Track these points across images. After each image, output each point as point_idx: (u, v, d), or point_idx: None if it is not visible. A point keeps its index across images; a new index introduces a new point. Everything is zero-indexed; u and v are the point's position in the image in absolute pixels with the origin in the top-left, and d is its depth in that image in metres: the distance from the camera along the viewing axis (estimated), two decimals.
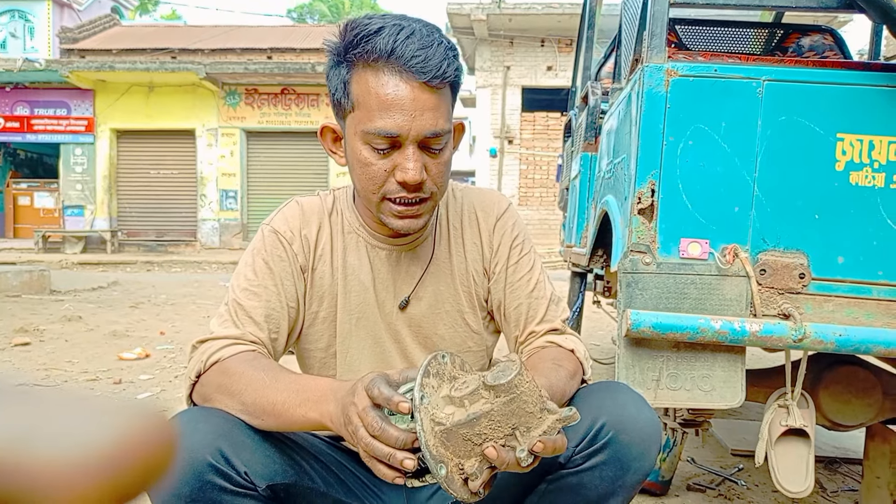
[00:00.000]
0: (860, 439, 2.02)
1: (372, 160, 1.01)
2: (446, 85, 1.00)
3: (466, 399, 0.78)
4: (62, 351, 3.94)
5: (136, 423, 0.24)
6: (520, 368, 0.76)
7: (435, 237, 1.20)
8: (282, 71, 13.71)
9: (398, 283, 1.17)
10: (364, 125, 0.99)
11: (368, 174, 1.02)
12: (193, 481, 0.85)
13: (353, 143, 1.03)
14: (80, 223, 14.87)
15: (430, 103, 0.97)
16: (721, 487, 2.16)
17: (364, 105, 0.98)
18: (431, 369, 0.80)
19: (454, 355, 0.85)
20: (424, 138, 0.99)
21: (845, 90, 1.47)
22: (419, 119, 0.97)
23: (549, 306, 1.20)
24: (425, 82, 0.96)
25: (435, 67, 0.96)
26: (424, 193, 1.03)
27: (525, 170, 14.23)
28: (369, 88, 0.97)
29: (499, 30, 13.59)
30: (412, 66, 0.95)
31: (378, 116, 0.97)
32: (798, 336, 1.39)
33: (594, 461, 0.99)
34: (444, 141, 1.02)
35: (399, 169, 0.99)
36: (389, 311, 1.17)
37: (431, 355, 0.82)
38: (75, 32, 16.62)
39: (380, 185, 1.02)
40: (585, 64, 3.35)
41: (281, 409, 0.91)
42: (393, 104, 0.96)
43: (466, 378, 0.82)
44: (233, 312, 1.07)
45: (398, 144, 0.99)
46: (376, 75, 0.97)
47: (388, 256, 1.17)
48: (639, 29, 1.72)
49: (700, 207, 1.50)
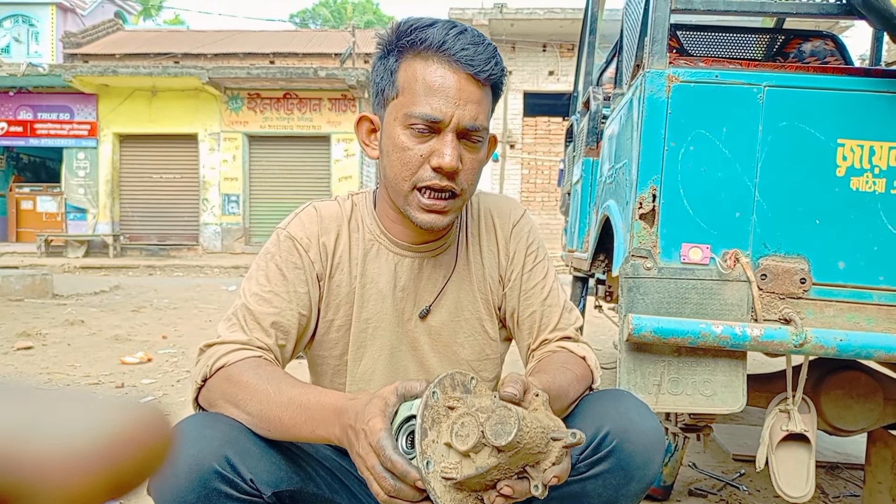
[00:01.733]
0: (861, 444, 2.02)
1: (409, 144, 1.02)
2: (489, 84, 1.03)
3: (472, 453, 0.77)
4: (65, 355, 3.95)
5: (132, 415, 0.24)
6: (518, 424, 0.75)
7: (458, 244, 1.19)
8: (284, 76, 13.75)
9: (420, 292, 1.16)
10: (407, 108, 1.01)
11: (404, 159, 1.03)
12: (199, 488, 0.85)
13: (392, 130, 1.04)
14: (83, 227, 14.90)
15: (474, 96, 1.01)
16: (723, 492, 2.16)
17: (409, 90, 1.01)
18: (427, 421, 0.78)
19: (441, 380, 0.82)
20: (464, 129, 1.01)
21: (846, 96, 1.48)
22: (462, 108, 1.00)
23: (562, 314, 1.20)
24: (472, 74, 0.99)
25: (483, 62, 1.00)
26: (456, 187, 1.03)
27: (527, 174, 14.25)
28: (416, 75, 1.01)
29: (501, 34, 13.63)
30: (461, 57, 0.99)
31: (423, 101, 1.00)
32: (799, 341, 1.39)
33: (598, 469, 0.99)
34: (482, 137, 1.04)
35: (436, 154, 1.01)
36: (408, 319, 1.16)
37: (423, 404, 0.79)
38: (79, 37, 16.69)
39: (413, 172, 1.02)
40: (587, 69, 3.36)
41: (288, 425, 0.91)
42: (439, 90, 0.99)
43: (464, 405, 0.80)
44: (241, 317, 1.06)
45: (438, 131, 1.01)
46: (425, 63, 1.00)
47: (411, 265, 1.15)
48: (640, 34, 1.73)
49: (701, 212, 1.50)
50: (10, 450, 0.22)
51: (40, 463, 0.22)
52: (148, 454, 0.24)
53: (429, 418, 0.79)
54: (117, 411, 0.24)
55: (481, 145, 1.05)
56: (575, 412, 1.07)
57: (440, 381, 0.81)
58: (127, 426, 0.24)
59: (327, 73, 13.56)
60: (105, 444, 0.23)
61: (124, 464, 0.23)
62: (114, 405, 0.25)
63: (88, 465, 0.22)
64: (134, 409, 0.25)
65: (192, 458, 0.86)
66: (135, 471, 0.24)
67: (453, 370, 0.85)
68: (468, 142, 1.03)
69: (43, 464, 0.22)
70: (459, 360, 1.19)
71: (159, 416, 0.25)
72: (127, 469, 0.23)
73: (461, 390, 0.84)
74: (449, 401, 0.81)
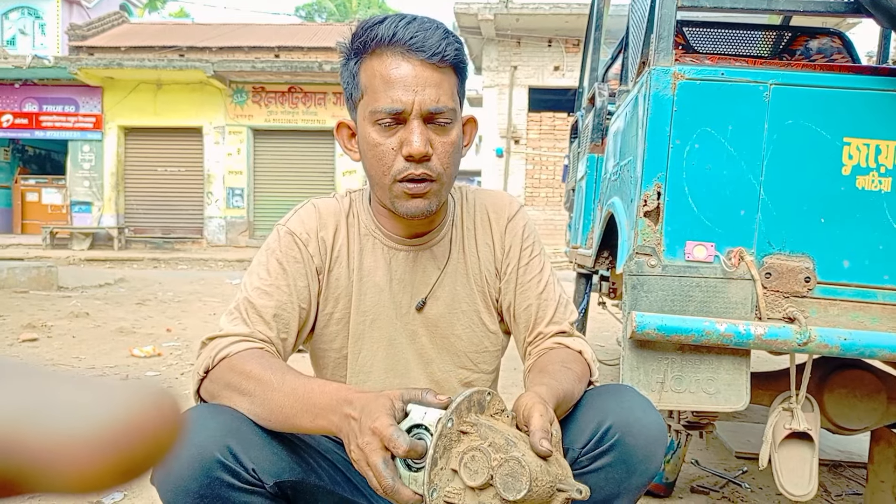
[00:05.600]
0: (865, 443, 2.02)
1: (380, 140, 1.04)
2: (447, 65, 1.05)
3: (479, 490, 0.77)
4: (69, 347, 3.97)
5: (142, 399, 0.24)
6: (529, 485, 0.75)
7: (452, 237, 1.21)
8: (289, 69, 13.74)
9: (416, 284, 1.18)
10: (371, 105, 1.04)
11: (377, 155, 1.05)
12: (202, 477, 0.86)
13: (364, 129, 1.07)
14: (88, 220, 14.94)
15: (432, 80, 1.02)
16: (725, 490, 2.16)
17: (371, 88, 1.04)
18: (438, 451, 0.77)
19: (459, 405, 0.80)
20: (428, 113, 1.03)
21: (852, 94, 1.47)
22: (421, 93, 1.01)
23: (557, 308, 1.21)
24: (425, 59, 1.02)
25: (434, 45, 1.02)
26: (432, 171, 1.04)
27: (531, 170, 14.23)
28: (374, 72, 1.03)
29: (506, 30, 13.59)
30: (412, 44, 1.01)
31: (383, 95, 1.02)
32: (803, 340, 1.39)
33: (600, 463, 1.00)
34: (449, 118, 1.05)
35: (405, 143, 1.03)
36: (406, 312, 1.18)
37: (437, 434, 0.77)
38: (84, 30, 16.69)
39: (389, 166, 1.04)
40: (592, 65, 3.35)
41: (289, 413, 0.92)
42: (396, 81, 1.01)
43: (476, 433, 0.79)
44: (243, 310, 1.08)
45: (403, 121, 1.03)
46: (380, 59, 1.03)
47: (405, 258, 1.17)
48: (646, 31, 1.72)
49: (706, 210, 1.50)
50: (18, 434, 0.22)
51: (48, 447, 0.22)
52: (157, 439, 0.24)
53: (441, 447, 0.78)
54: (126, 395, 0.24)
55: (450, 126, 1.06)
56: (577, 406, 1.07)
57: (457, 408, 0.80)
58: (136, 410, 0.24)
59: (332, 68, 13.53)
60: (114, 429, 0.23)
61: (133, 448, 0.23)
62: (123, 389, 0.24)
63: (96, 449, 0.22)
64: (143, 393, 0.24)
65: (194, 447, 0.87)
66: (144, 456, 0.23)
67: (470, 390, 0.82)
68: (436, 125, 1.05)
69: (51, 448, 0.22)
70: (457, 351, 1.20)
71: (169, 400, 0.25)
72: (136, 454, 0.23)
73: (476, 409, 0.83)
74: (462, 425, 0.80)
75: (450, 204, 1.22)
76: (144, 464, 0.24)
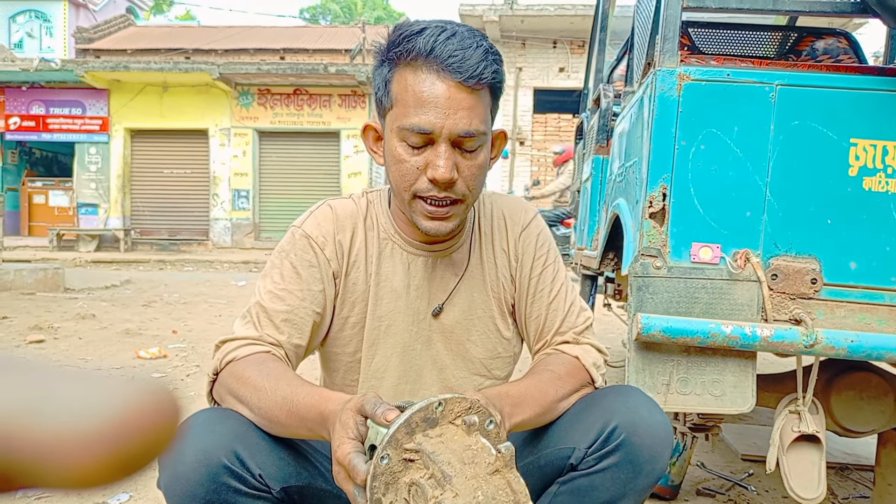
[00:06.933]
0: (872, 446, 2.01)
1: (405, 157, 1.02)
2: (484, 87, 1.01)
3: None
4: (76, 348, 3.98)
5: (141, 394, 0.24)
6: None
7: (470, 244, 1.20)
8: (294, 71, 13.76)
9: (433, 290, 1.17)
10: (400, 121, 1.01)
11: (401, 171, 1.03)
12: (208, 483, 0.86)
13: (390, 141, 1.05)
14: (94, 222, 14.99)
15: (465, 103, 0.99)
16: (731, 493, 2.15)
17: (401, 102, 1.01)
18: (378, 491, 0.74)
19: (393, 435, 0.75)
20: (458, 137, 1.00)
21: (859, 95, 1.47)
22: (452, 117, 0.98)
23: (566, 318, 1.20)
24: (461, 81, 0.97)
25: (472, 68, 0.97)
26: (456, 195, 1.03)
27: (536, 171, 14.21)
28: (407, 86, 1.00)
29: (511, 31, 13.58)
30: (449, 64, 0.97)
31: (413, 113, 0.99)
32: (810, 342, 1.38)
33: (606, 463, 1.00)
34: (479, 143, 1.03)
35: (430, 166, 1.00)
36: (422, 318, 1.17)
37: (370, 475, 0.74)
38: (91, 32, 16.78)
39: (411, 183, 1.03)
40: (598, 66, 3.35)
41: (285, 424, 0.92)
42: (428, 101, 0.98)
43: (420, 459, 0.76)
44: (255, 314, 1.08)
45: (432, 142, 1.00)
46: (414, 73, 0.99)
47: (424, 263, 1.16)
48: (651, 32, 1.72)
49: (711, 212, 1.49)
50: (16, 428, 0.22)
51: (47, 442, 0.22)
52: (155, 434, 0.24)
53: (381, 486, 0.74)
54: (125, 390, 0.24)
55: (480, 150, 1.04)
56: (583, 406, 1.07)
57: (392, 438, 0.75)
58: (134, 405, 0.23)
59: (337, 69, 13.56)
60: (113, 424, 0.23)
61: (132, 444, 0.23)
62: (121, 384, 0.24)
63: (95, 444, 0.22)
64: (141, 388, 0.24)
65: (200, 452, 0.87)
66: (142, 451, 0.23)
67: (412, 409, 0.77)
68: (463, 150, 1.02)
69: (49, 443, 0.22)
70: (472, 358, 1.19)
71: (167, 395, 0.25)
72: (134, 449, 0.23)
73: (424, 426, 0.78)
74: (405, 454, 0.76)
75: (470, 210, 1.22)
76: (143, 459, 0.24)
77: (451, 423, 0.80)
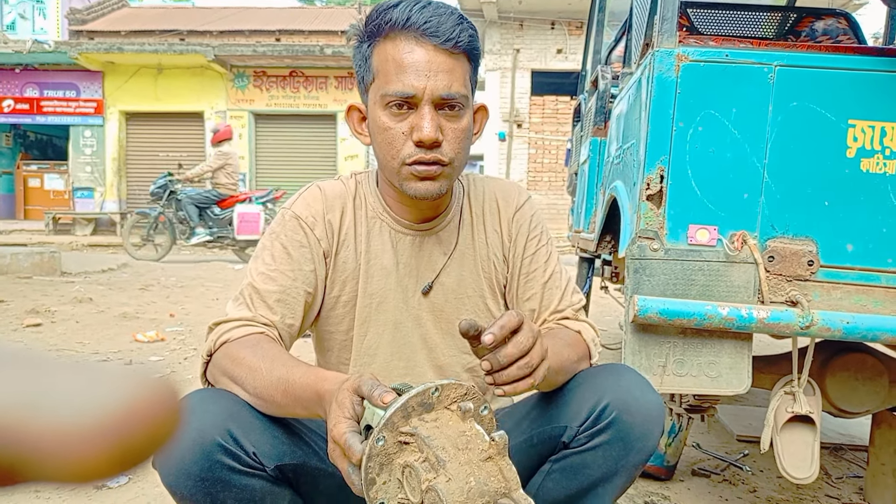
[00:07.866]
0: (866, 426, 2.02)
1: (391, 124, 1.04)
2: (461, 52, 1.04)
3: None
4: (73, 332, 3.98)
5: (142, 387, 0.24)
6: None
7: (459, 223, 1.21)
8: (290, 53, 13.65)
9: (422, 269, 1.18)
10: (383, 89, 1.03)
11: (387, 139, 1.05)
12: (203, 460, 0.87)
13: (374, 113, 1.07)
14: (90, 205, 14.93)
15: (444, 65, 1.02)
16: (726, 473, 2.17)
17: (383, 71, 1.04)
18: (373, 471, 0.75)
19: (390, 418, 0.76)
20: (440, 100, 1.02)
21: (858, 76, 1.46)
22: (433, 79, 1.01)
23: (563, 296, 1.22)
24: (438, 45, 1.01)
25: (448, 31, 1.01)
26: (443, 156, 1.04)
27: (534, 154, 14.17)
28: (387, 56, 1.03)
29: (508, 12, 13.47)
30: (426, 30, 1.01)
31: (395, 79, 1.02)
32: (805, 323, 1.39)
33: (598, 441, 1.02)
34: (461, 105, 1.05)
35: (415, 129, 1.02)
36: (412, 296, 1.18)
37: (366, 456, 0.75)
38: (84, 14, 16.61)
39: (399, 150, 1.04)
40: (596, 47, 3.33)
41: (281, 403, 0.92)
42: (409, 66, 1.01)
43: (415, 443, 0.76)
44: (247, 295, 1.09)
45: (415, 106, 1.03)
46: (394, 43, 1.03)
47: (412, 242, 1.18)
48: (650, 13, 1.71)
49: (709, 194, 1.49)
50: (17, 422, 0.22)
51: (47, 435, 0.22)
52: (157, 427, 0.24)
53: (375, 466, 0.75)
54: (126, 383, 0.24)
55: (462, 113, 1.06)
56: (575, 385, 1.09)
57: (388, 422, 0.75)
58: (136, 399, 0.24)
59: (333, 51, 13.45)
60: (114, 417, 0.23)
61: (132, 437, 0.23)
62: (122, 377, 0.24)
63: (96, 438, 0.22)
64: (142, 381, 0.24)
65: (195, 431, 0.88)
66: (143, 444, 0.24)
67: (409, 394, 0.77)
68: (447, 111, 1.04)
69: (50, 437, 0.22)
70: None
71: (168, 389, 0.25)
72: (135, 442, 0.23)
73: (420, 411, 0.78)
74: (400, 436, 0.77)
75: (457, 190, 1.23)
76: (144, 452, 0.24)
77: (446, 408, 0.81)
